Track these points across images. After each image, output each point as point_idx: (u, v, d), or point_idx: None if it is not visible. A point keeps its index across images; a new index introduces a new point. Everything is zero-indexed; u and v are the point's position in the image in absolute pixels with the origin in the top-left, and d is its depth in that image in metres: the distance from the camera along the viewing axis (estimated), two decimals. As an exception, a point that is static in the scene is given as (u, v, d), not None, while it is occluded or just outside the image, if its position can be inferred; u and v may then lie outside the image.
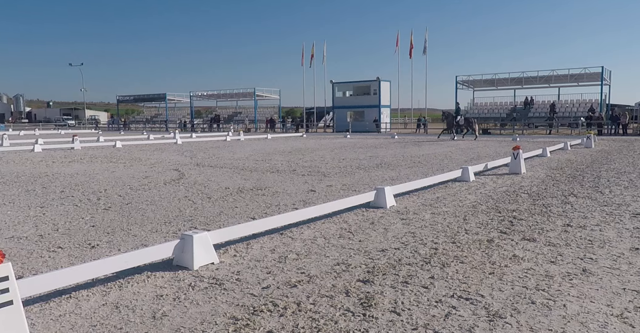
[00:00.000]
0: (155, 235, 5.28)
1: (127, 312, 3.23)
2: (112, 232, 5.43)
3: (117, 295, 3.54)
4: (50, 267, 4.14)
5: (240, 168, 12.04)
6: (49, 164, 13.55)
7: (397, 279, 3.82)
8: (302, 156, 16.01)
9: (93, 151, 19.23)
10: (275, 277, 3.90)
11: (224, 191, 8.34)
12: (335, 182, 9.44)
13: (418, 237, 5.16)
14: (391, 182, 9.20)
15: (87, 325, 3.03)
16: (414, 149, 18.92)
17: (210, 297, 3.49)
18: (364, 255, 4.52)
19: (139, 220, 6.03)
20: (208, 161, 14.01)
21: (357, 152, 17.67)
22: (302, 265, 4.21)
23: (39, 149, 19.09)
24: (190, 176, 10.48)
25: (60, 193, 8.17)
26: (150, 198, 7.59)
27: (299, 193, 8.09)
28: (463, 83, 40.38)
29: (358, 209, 6.64)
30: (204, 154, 17.04)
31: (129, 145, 22.47)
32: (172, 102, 57.11)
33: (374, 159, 14.46)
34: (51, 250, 4.70)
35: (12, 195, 7.99)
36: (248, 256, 4.51)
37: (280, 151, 18.53)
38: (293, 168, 11.97)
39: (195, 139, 28.05)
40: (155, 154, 17.20)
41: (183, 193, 8.09)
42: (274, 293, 3.54)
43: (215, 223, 5.81)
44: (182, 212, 6.52)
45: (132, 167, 12.52)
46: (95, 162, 14.10)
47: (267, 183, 9.26)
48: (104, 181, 9.73)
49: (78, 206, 6.96)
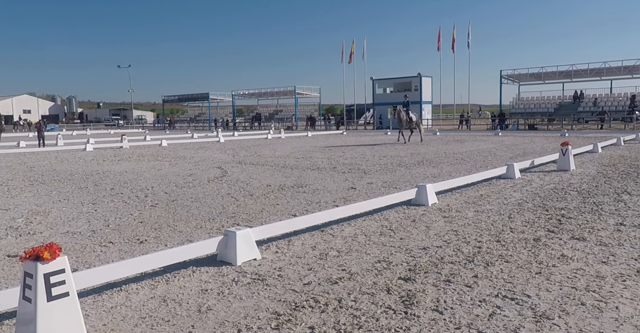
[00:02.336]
0: (200, 231, 5.42)
1: (174, 305, 3.34)
2: (159, 228, 5.62)
3: (165, 288, 3.67)
4: (102, 261, 4.33)
5: (281, 166, 12.17)
6: (99, 162, 14.15)
7: (439, 277, 3.77)
8: (342, 153, 16.01)
9: (140, 149, 19.93)
10: (316, 274, 3.93)
11: (265, 188, 8.46)
12: (375, 179, 9.39)
13: (461, 235, 5.06)
14: (433, 179, 9.06)
15: (136, 316, 3.15)
16: (457, 146, 18.53)
17: (253, 292, 3.56)
18: (405, 252, 4.48)
19: (184, 217, 6.21)
20: (250, 159, 14.24)
21: (398, 149, 17.49)
22: (343, 262, 4.22)
23: (90, 148, 19.97)
24: (232, 173, 10.69)
25: (110, 190, 8.52)
26: (195, 195, 7.80)
27: (339, 191, 8.10)
28: (508, 77, 39.18)
29: (399, 206, 6.58)
30: (245, 152, 17.33)
31: (174, 144, 23.14)
32: (214, 101, 58.34)
33: (415, 156, 14.27)
34: (103, 245, 4.92)
35: (67, 192, 8.41)
36: (289, 252, 4.56)
37: (321, 148, 18.59)
38: (333, 166, 11.99)
39: (237, 137, 28.55)
40: (199, 152, 17.64)
41: (226, 191, 8.27)
42: (315, 290, 3.57)
43: (257, 220, 5.91)
44: (225, 209, 6.66)
45: (177, 165, 12.90)
46: (143, 160, 14.61)
47: (307, 181, 9.32)
48: (151, 178, 10.08)
49: (127, 203, 7.24)
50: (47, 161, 14.93)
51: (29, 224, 5.91)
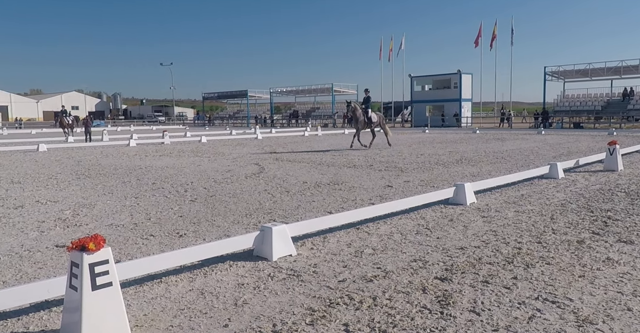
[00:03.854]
0: (237, 226, 5.52)
1: (211, 298, 3.42)
2: (197, 222, 5.75)
3: (202, 281, 3.75)
4: (143, 253, 4.48)
5: (317, 163, 12.21)
6: (142, 157, 14.60)
7: (476, 278, 3.70)
8: (378, 151, 15.90)
9: (181, 145, 20.43)
10: (351, 271, 3.93)
11: (301, 185, 8.52)
12: (412, 178, 9.28)
13: (500, 236, 4.94)
14: (472, 178, 8.87)
15: (175, 308, 3.24)
16: (497, 145, 18.08)
17: (289, 287, 3.60)
18: (442, 252, 4.41)
19: (222, 212, 6.33)
20: (287, 156, 14.35)
21: (436, 147, 17.22)
22: (378, 260, 4.20)
23: (133, 143, 20.63)
24: (269, 170, 10.81)
25: (152, 185, 8.79)
26: (233, 191, 7.94)
27: (375, 188, 8.05)
28: (552, 74, 37.88)
29: (436, 205, 6.48)
30: (283, 149, 17.48)
31: (213, 140, 23.60)
32: (253, 98, 59.12)
33: (454, 155, 14.01)
34: (144, 238, 5.08)
35: (111, 186, 8.72)
36: (325, 249, 4.58)
37: (357, 146, 18.53)
38: (370, 163, 11.93)
39: (275, 134, 28.84)
40: (237, 148, 17.93)
41: (263, 187, 8.37)
42: (350, 287, 3.57)
43: (293, 216, 5.96)
44: (262, 205, 6.75)
45: (216, 161, 13.15)
46: (183, 156, 14.98)
47: (344, 178, 9.32)
48: (191, 174, 10.32)
49: (167, 198, 7.45)
50: (93, 155, 15.52)
51: (76, 216, 6.17)
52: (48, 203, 7.04)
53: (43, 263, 4.25)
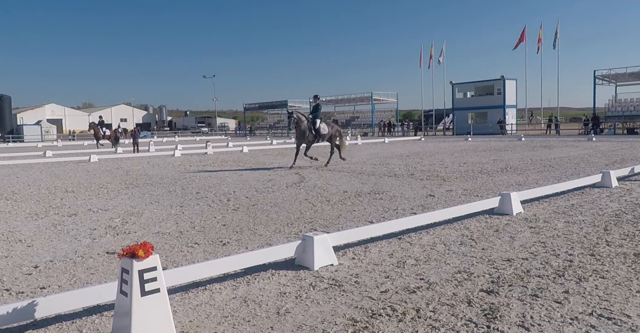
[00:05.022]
0: (279, 235, 5.56)
1: (254, 306, 3.45)
2: (240, 231, 5.84)
3: (245, 289, 3.80)
4: (188, 261, 4.58)
5: (358, 172, 12.17)
6: (186, 167, 15.01)
7: (525, 291, 3.56)
8: (420, 160, 15.70)
9: (223, 155, 20.87)
10: (393, 282, 3.88)
11: (342, 194, 8.51)
12: (455, 187, 9.09)
13: (549, 247, 4.75)
14: (518, 187, 8.60)
15: (219, 315, 3.30)
16: (544, 152, 17.47)
17: (330, 297, 3.58)
18: (487, 263, 4.29)
19: (264, 221, 6.40)
20: (327, 165, 14.38)
21: (480, 155, 16.83)
22: (421, 271, 4.13)
23: (178, 154, 21.25)
24: (310, 179, 10.87)
25: (196, 194, 9.00)
26: (274, 200, 8.02)
27: (417, 198, 7.94)
28: (603, 78, 36.37)
29: (481, 215, 6.32)
30: (322, 158, 17.54)
31: (255, 150, 23.98)
32: (292, 108, 59.77)
33: (499, 163, 13.64)
34: (189, 246, 5.20)
35: (157, 195, 9.00)
36: (366, 259, 4.54)
37: (398, 155, 18.36)
38: (411, 172, 11.79)
39: (315, 143, 28.98)
40: (277, 158, 18.13)
41: (304, 196, 8.42)
42: (393, 298, 3.52)
43: (334, 226, 5.95)
44: (303, 214, 6.78)
45: (257, 171, 13.35)
46: (225, 166, 15.29)
47: (384, 187, 9.24)
48: (233, 183, 10.51)
49: (211, 207, 7.61)
50: (140, 165, 16.09)
51: (125, 224, 6.40)
52: (99, 212, 7.34)
53: (95, 268, 4.42)
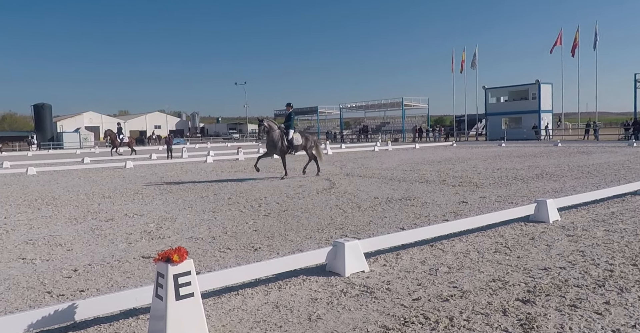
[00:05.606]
0: (309, 241, 5.58)
1: (285, 311, 3.47)
2: (271, 237, 5.89)
3: (277, 295, 3.82)
4: (221, 266, 4.65)
5: (388, 178, 12.09)
6: (218, 173, 15.24)
7: (563, 301, 3.46)
8: (452, 166, 15.47)
9: (254, 161, 21.07)
10: (426, 289, 3.83)
11: (373, 200, 8.46)
12: (489, 193, 8.91)
13: (589, 256, 4.60)
14: (554, 194, 8.37)
15: (252, 320, 3.33)
16: (582, 158, 16.94)
17: (362, 304, 3.57)
18: (523, 272, 4.18)
19: (295, 226, 6.43)
20: (357, 171, 14.36)
21: (514, 161, 16.45)
22: (454, 279, 4.06)
23: (210, 160, 21.61)
24: (340, 185, 10.86)
25: (227, 200, 9.13)
26: (305, 206, 8.05)
27: (449, 204, 7.82)
28: (644, 81, 34.97)
29: (515, 223, 6.17)
30: (353, 164, 17.51)
31: (285, 156, 24.12)
32: (323, 114, 60.04)
33: (534, 169, 13.31)
34: (221, 251, 5.27)
35: (191, 201, 9.18)
36: (398, 266, 4.50)
37: (429, 160, 18.16)
38: (443, 178, 11.63)
39: (345, 149, 28.99)
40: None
41: (334, 202, 8.41)
42: (425, 306, 3.47)
43: (365, 232, 5.93)
44: (333, 220, 6.78)
45: (288, 177, 13.42)
46: (256, 172, 15.44)
47: (416, 194, 9.15)
48: (264, 189, 10.61)
49: (242, 212, 7.70)
50: (174, 171, 16.44)
51: (159, 229, 6.55)
52: (134, 217, 7.53)
53: (131, 272, 4.54)
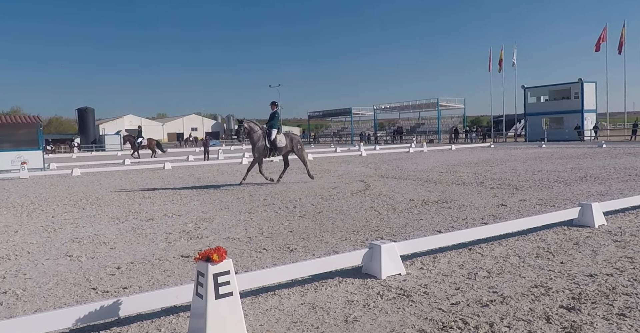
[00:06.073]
0: (345, 243, 5.57)
1: (322, 313, 3.47)
2: (306, 238, 5.91)
3: (313, 296, 3.83)
4: (257, 266, 4.70)
5: (424, 180, 11.94)
6: (253, 175, 15.41)
7: (610, 310, 3.32)
8: (490, 167, 15.13)
9: (289, 163, 21.21)
10: (464, 294, 3.75)
11: (408, 202, 8.37)
12: (529, 196, 8.66)
13: (638, 263, 4.40)
14: (599, 197, 8.05)
15: (289, 321, 3.34)
16: (629, 160, 16.24)
17: (399, 307, 3.53)
18: (567, 278, 4.04)
19: (330, 228, 6.43)
20: (392, 173, 14.24)
21: (555, 163, 15.94)
22: (494, 284, 3.96)
23: (245, 161, 21.89)
24: (375, 187, 10.80)
25: (263, 201, 9.23)
26: (339, 208, 8.05)
27: (487, 207, 7.65)
28: (696, 79, 33.25)
29: (558, 227, 5.97)
30: (387, 165, 17.39)
31: (319, 157, 24.20)
32: (356, 115, 59.89)
33: (577, 172, 12.85)
34: (258, 251, 5.33)
35: (227, 202, 9.32)
36: (435, 269, 4.43)
37: (466, 162, 17.82)
38: (481, 181, 11.39)
39: (379, 151, 28.81)
40: (342, 166, 18.19)
41: (369, 204, 8.37)
42: (464, 311, 3.40)
43: (400, 235, 5.87)
44: (368, 222, 6.75)
45: (322, 178, 13.46)
46: (291, 173, 15.53)
47: (452, 196, 8.99)
48: (299, 190, 10.66)
49: (278, 213, 7.76)
50: (210, 173, 16.75)
51: (197, 229, 6.68)
52: (173, 217, 7.72)
53: (171, 271, 4.65)
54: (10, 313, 3.66)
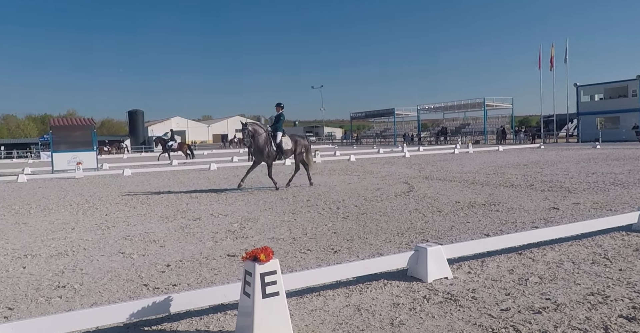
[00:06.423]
0: (389, 245, 5.51)
1: (367, 315, 3.45)
2: (350, 239, 5.89)
3: (358, 298, 3.81)
4: (302, 266, 4.72)
5: (470, 182, 11.66)
6: (296, 176, 15.54)
7: (676, 321, 3.12)
8: (540, 169, 14.60)
9: (331, 164, 21.28)
10: (515, 300, 3.63)
11: (454, 205, 8.20)
12: (583, 199, 8.29)
13: None
14: (660, 201, 7.60)
15: (334, 322, 3.34)
16: (692, 162, 15.24)
17: (446, 311, 3.46)
18: (626, 287, 3.83)
19: (374, 230, 6.39)
20: (436, 174, 13.99)
21: (611, 165, 15.18)
22: (547, 290, 3.81)
23: (288, 162, 22.09)
24: (419, 189, 10.64)
25: (306, 202, 9.28)
26: (383, 210, 7.98)
27: (538, 210, 7.38)
28: None
29: (616, 232, 5.68)
30: (431, 167, 17.10)
31: (361, 159, 24.12)
32: (400, 116, 59.23)
33: (635, 174, 12.19)
34: (302, 252, 5.36)
35: (271, 202, 9.44)
36: (483, 274, 4.31)
37: (514, 163, 17.27)
38: (530, 183, 11.00)
39: (423, 152, 28.38)
40: (385, 167, 18.04)
41: (413, 206, 8.26)
42: (515, 318, 3.29)
43: (446, 237, 5.75)
44: (413, 224, 6.65)
45: (365, 179, 13.39)
46: (333, 174, 15.57)
47: (500, 198, 8.73)
48: (342, 192, 10.66)
49: (321, 214, 7.78)
50: (254, 173, 16.99)
51: (243, 229, 6.79)
52: (219, 216, 7.89)
53: (218, 270, 4.75)
54: (69, 306, 3.85)
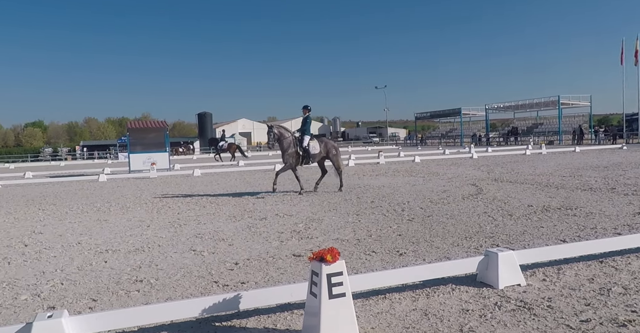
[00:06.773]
0: (457, 249, 5.35)
1: (435, 320, 3.37)
2: (416, 242, 5.79)
3: (425, 302, 3.73)
4: (367, 268, 4.70)
5: (543, 184, 11.07)
6: (360, 177, 15.51)
7: None
8: (622, 171, 13.58)
9: (395, 165, 21.03)
10: (596, 311, 3.40)
11: (526, 208, 7.82)
12: (673, 204, 7.62)
13: None
14: None
15: (400, 326, 3.29)
16: None
17: (519, 320, 3.30)
18: None
19: (441, 233, 6.23)
20: (506, 176, 13.42)
21: None
22: (632, 302, 3.54)
23: (352, 164, 22.10)
24: (488, 191, 10.25)
25: (370, 203, 9.23)
26: (450, 212, 7.77)
27: (621, 216, 6.87)
28: None
29: None
30: (501, 168, 16.42)
31: (426, 160, 23.62)
32: (466, 116, 57.40)
33: None
34: (367, 253, 5.34)
35: (335, 203, 9.48)
36: (560, 282, 4.08)
37: (593, 165, 16.20)
38: (612, 186, 10.27)
39: (491, 153, 27.31)
40: (451, 168, 17.55)
41: (482, 209, 7.97)
42: (597, 330, 3.08)
43: (518, 243, 5.50)
44: (482, 228, 6.42)
45: (431, 181, 13.10)
46: (398, 175, 15.37)
47: (577, 202, 8.22)
48: (406, 193, 10.49)
49: (386, 216, 7.70)
50: (318, 174, 17.13)
51: (307, 229, 6.87)
52: (285, 217, 8.03)
53: (284, 269, 4.84)
54: (146, 299, 4.08)
